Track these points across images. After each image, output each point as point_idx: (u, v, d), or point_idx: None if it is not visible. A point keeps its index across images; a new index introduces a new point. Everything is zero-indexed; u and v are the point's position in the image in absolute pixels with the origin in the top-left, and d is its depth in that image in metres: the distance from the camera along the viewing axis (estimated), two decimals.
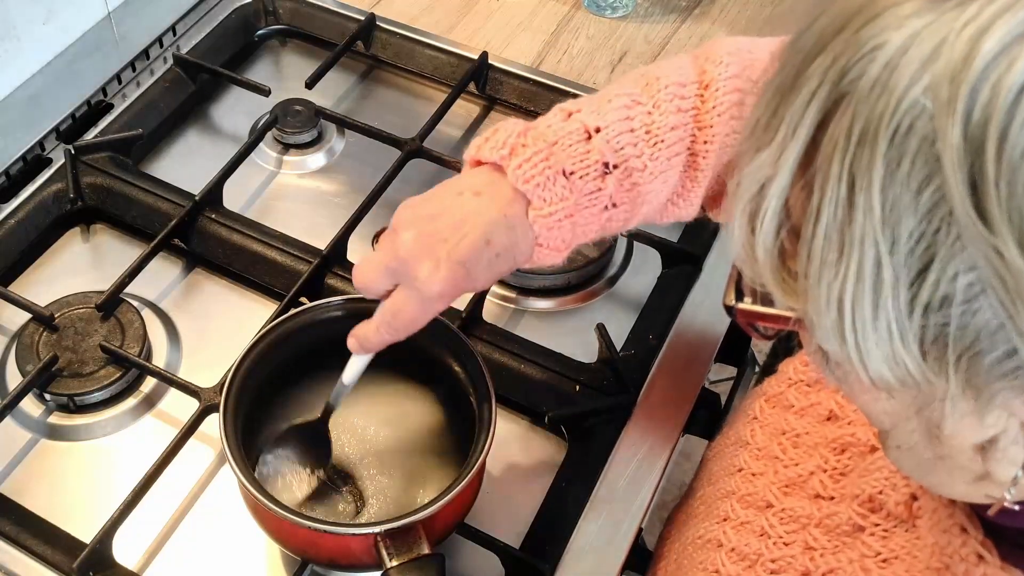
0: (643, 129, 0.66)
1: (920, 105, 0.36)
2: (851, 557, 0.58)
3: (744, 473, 0.72)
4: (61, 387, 0.89)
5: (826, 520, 0.62)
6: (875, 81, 0.37)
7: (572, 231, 0.67)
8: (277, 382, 0.81)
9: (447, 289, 0.64)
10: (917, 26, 0.36)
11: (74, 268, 1.01)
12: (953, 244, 0.36)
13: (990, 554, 0.49)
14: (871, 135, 0.37)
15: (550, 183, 0.64)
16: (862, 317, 0.39)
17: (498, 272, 0.66)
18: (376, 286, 0.67)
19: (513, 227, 0.64)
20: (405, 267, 0.64)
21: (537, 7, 1.27)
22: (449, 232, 0.64)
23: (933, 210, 0.36)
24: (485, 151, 0.66)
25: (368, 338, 0.69)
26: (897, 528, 0.57)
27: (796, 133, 0.40)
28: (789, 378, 0.74)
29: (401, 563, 0.68)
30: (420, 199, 0.67)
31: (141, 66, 1.18)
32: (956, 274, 0.36)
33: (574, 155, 0.65)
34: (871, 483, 0.59)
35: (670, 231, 1.04)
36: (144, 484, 0.81)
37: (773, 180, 0.41)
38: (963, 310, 0.37)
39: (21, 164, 1.06)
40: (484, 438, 0.72)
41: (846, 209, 0.38)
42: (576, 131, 0.66)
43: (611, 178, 0.66)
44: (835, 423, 0.67)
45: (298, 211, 1.07)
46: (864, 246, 0.37)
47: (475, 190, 0.65)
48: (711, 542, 0.70)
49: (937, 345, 0.38)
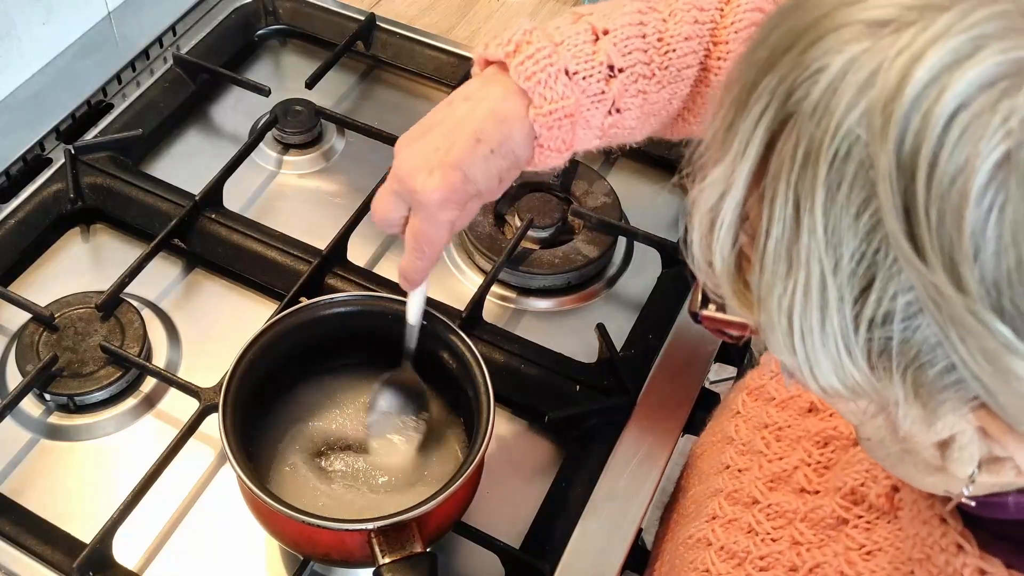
0: (655, 36, 0.66)
1: (855, 132, 0.36)
2: (836, 551, 0.59)
3: (731, 470, 0.72)
4: (61, 387, 0.89)
5: (811, 514, 0.62)
6: (816, 104, 0.38)
7: (572, 132, 0.66)
8: (277, 378, 0.81)
9: (447, 195, 0.64)
10: (856, 51, 0.37)
11: (74, 268, 1.01)
12: (891, 266, 0.37)
13: (969, 544, 0.49)
14: (813, 158, 0.38)
15: (551, 80, 0.64)
16: (810, 331, 0.40)
17: (498, 171, 0.65)
18: (389, 215, 0.67)
19: (504, 121, 0.64)
20: (404, 185, 0.65)
21: (537, 7, 1.27)
22: (440, 140, 0.64)
23: (872, 233, 0.37)
24: (492, 48, 0.66)
25: (408, 270, 0.70)
26: (879, 520, 0.57)
27: (747, 151, 0.40)
28: (771, 370, 0.74)
29: (393, 560, 0.68)
30: (419, 121, 0.67)
31: (141, 66, 1.18)
32: (896, 293, 0.37)
33: (579, 55, 0.65)
34: (853, 475, 0.60)
35: (670, 231, 1.04)
36: (144, 484, 0.81)
37: (728, 193, 0.42)
38: (904, 326, 0.37)
39: (21, 164, 1.07)
40: (481, 438, 0.72)
41: (793, 228, 0.39)
42: (583, 31, 0.65)
43: (616, 82, 0.65)
44: (816, 415, 0.68)
45: (298, 211, 1.07)
46: (810, 265, 0.38)
47: (465, 95, 0.66)
48: (701, 541, 0.70)
49: (883, 358, 0.39)
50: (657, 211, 1.07)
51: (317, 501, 0.77)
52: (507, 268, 0.98)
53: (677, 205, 1.08)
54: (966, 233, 0.35)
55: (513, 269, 0.99)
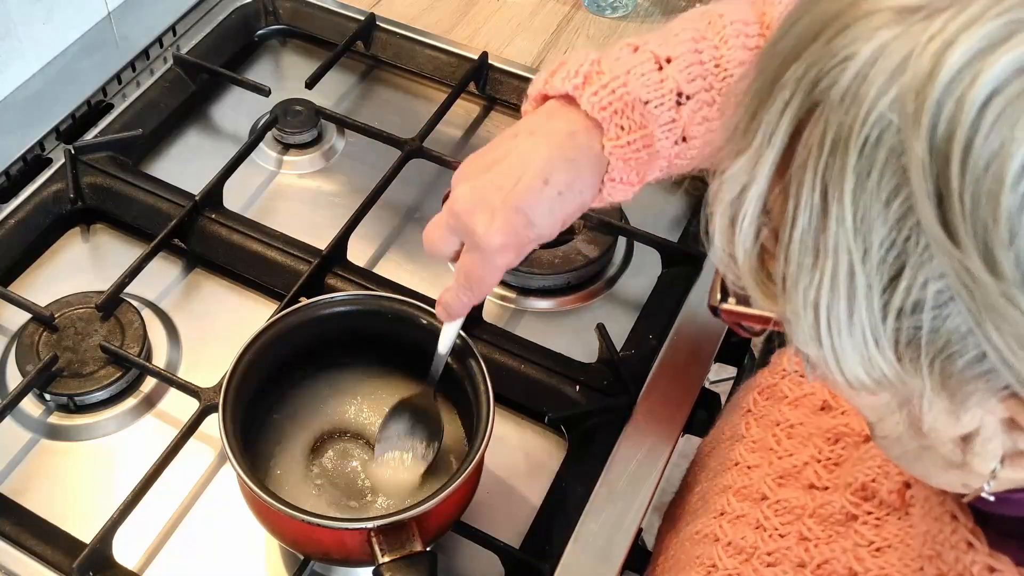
0: (712, 63, 0.65)
1: (887, 118, 0.36)
2: (844, 547, 0.58)
3: (740, 467, 0.72)
4: (61, 387, 0.89)
5: (820, 510, 0.62)
6: (845, 91, 0.37)
7: (648, 163, 0.65)
8: (277, 377, 0.81)
9: (508, 240, 0.62)
10: (886, 38, 0.37)
11: (74, 268, 1.01)
12: (922, 253, 0.36)
13: (979, 541, 0.49)
14: (842, 145, 0.37)
15: (628, 109, 0.63)
16: (837, 322, 0.39)
17: (564, 214, 0.63)
18: (442, 248, 0.66)
19: (574, 162, 0.62)
20: (462, 223, 0.63)
21: (537, 7, 1.27)
22: (503, 179, 0.61)
23: (902, 220, 0.37)
24: (555, 82, 0.64)
25: (451, 304, 0.68)
26: (890, 516, 0.57)
27: (772, 140, 0.40)
28: (783, 369, 0.74)
29: (393, 559, 0.68)
30: (479, 152, 0.65)
31: (141, 66, 1.18)
32: (926, 281, 0.37)
33: (649, 83, 0.64)
34: (864, 471, 0.60)
35: (670, 231, 1.04)
36: (144, 484, 0.81)
37: (751, 185, 0.41)
38: (934, 315, 0.37)
39: (21, 164, 1.07)
40: (480, 438, 0.72)
41: (820, 217, 0.38)
42: (648, 61, 0.64)
43: (685, 109, 0.64)
44: (829, 413, 0.67)
45: (298, 211, 1.07)
46: (838, 254, 0.38)
47: (530, 130, 0.63)
48: (708, 537, 0.70)
49: (911, 348, 0.38)
50: (657, 211, 1.07)
51: (317, 500, 0.77)
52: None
53: (677, 205, 1.08)
54: (1002, 218, 0.34)
55: (513, 269, 0.99)
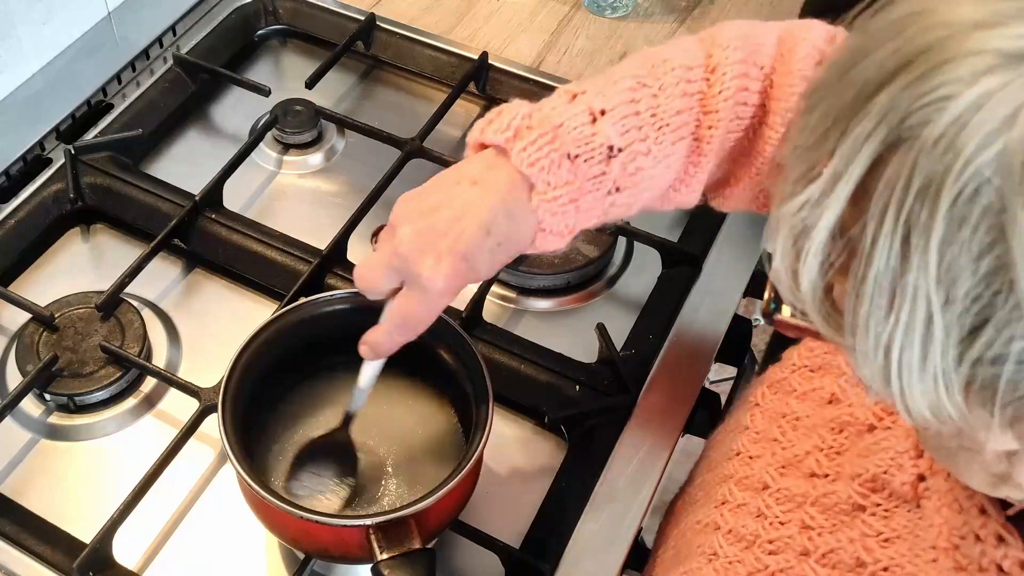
0: (648, 112, 0.65)
1: (984, 174, 0.35)
2: (851, 536, 0.58)
3: (742, 456, 0.71)
4: (61, 387, 0.89)
5: (823, 499, 0.62)
6: (941, 136, 0.36)
7: (576, 215, 0.66)
8: (276, 376, 0.81)
9: (451, 284, 0.64)
10: (992, 85, 0.35)
11: (74, 268, 1.01)
12: (1012, 311, 0.35)
13: (1012, 536, 0.48)
14: (932, 192, 0.36)
15: (555, 166, 0.63)
16: (909, 365, 0.38)
17: (501, 261, 0.65)
18: (380, 286, 0.67)
19: (512, 214, 0.63)
20: (407, 264, 0.64)
21: (537, 7, 1.27)
22: (448, 225, 0.63)
23: (992, 275, 0.35)
24: (489, 133, 0.65)
25: (380, 343, 0.68)
26: (899, 508, 0.57)
27: (848, 171, 0.39)
28: (793, 364, 0.74)
29: (391, 557, 0.68)
30: (417, 192, 0.66)
31: (141, 66, 1.18)
32: (1012, 338, 0.36)
33: (579, 138, 0.64)
34: (875, 463, 0.59)
35: (670, 231, 1.04)
36: (144, 484, 0.81)
37: (822, 215, 0.40)
38: (1017, 369, 0.36)
39: (21, 164, 1.07)
40: (479, 436, 0.72)
41: (899, 260, 0.37)
42: (581, 113, 0.65)
43: (616, 162, 0.65)
44: (836, 405, 0.67)
45: (298, 211, 1.07)
46: (916, 300, 0.37)
47: (472, 179, 0.64)
48: (708, 526, 0.69)
49: (984, 392, 0.38)
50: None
51: (317, 498, 0.77)
52: (507, 268, 0.98)
53: None
54: None
55: (513, 269, 0.99)
